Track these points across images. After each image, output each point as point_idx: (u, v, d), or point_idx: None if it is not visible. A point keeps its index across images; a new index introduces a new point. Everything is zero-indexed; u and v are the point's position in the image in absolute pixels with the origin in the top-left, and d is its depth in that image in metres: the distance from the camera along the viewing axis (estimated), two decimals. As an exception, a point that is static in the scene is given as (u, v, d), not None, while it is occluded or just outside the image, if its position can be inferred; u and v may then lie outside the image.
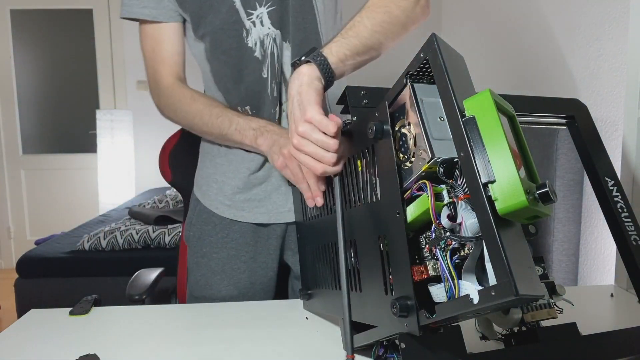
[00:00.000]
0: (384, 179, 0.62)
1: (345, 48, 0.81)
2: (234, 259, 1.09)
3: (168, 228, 2.58)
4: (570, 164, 1.42)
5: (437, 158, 0.54)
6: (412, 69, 0.59)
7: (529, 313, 0.63)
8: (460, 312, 0.49)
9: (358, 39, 0.83)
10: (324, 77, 0.78)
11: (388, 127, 0.60)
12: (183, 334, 0.87)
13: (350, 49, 0.82)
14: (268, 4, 0.96)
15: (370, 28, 0.84)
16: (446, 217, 0.53)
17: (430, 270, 0.56)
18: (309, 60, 0.78)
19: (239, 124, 0.96)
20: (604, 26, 1.40)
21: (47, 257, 2.46)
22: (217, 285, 1.10)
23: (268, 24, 0.97)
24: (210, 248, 1.11)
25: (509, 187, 0.46)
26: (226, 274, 1.09)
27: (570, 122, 0.80)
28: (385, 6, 0.86)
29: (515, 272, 0.43)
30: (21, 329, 0.90)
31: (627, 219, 0.73)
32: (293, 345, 0.82)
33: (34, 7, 3.92)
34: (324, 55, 0.79)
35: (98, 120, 3.68)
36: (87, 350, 0.78)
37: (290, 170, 0.87)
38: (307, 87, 0.75)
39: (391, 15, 0.86)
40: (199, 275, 1.12)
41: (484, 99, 0.50)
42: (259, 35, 0.97)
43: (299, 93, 0.75)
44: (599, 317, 0.93)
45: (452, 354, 0.59)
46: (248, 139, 0.95)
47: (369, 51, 0.85)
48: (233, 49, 0.98)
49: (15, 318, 2.56)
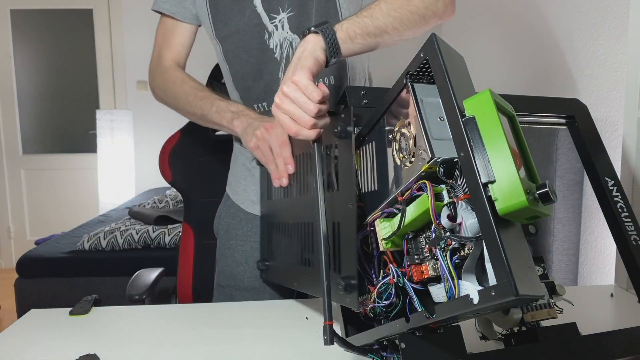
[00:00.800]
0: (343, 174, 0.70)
1: (356, 26, 0.82)
2: (257, 252, 1.14)
3: (168, 228, 2.58)
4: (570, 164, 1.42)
5: (437, 158, 0.54)
6: (412, 69, 0.59)
7: (529, 313, 0.63)
8: (460, 312, 0.49)
9: (371, 20, 0.83)
10: (329, 49, 0.79)
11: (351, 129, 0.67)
12: (183, 334, 0.87)
13: (362, 27, 0.83)
14: (288, 10, 1.01)
15: (385, 11, 0.84)
16: (446, 217, 0.53)
17: (430, 270, 0.56)
18: (317, 32, 0.80)
19: (219, 107, 1.01)
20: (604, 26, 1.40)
21: (47, 257, 2.46)
22: (241, 275, 1.15)
23: (287, 29, 1.02)
24: (236, 241, 1.16)
25: (509, 187, 0.46)
26: (249, 265, 1.14)
27: (570, 122, 0.80)
28: None
29: (515, 272, 0.43)
30: (21, 329, 0.90)
31: (627, 219, 0.73)
32: (293, 345, 0.82)
33: (34, 7, 3.92)
34: (334, 29, 0.80)
35: (98, 120, 3.69)
36: (87, 350, 0.78)
37: (262, 151, 0.93)
38: (309, 53, 0.77)
39: (410, 3, 0.86)
40: (224, 266, 1.18)
41: (484, 99, 0.50)
42: (280, 38, 1.02)
43: (299, 58, 0.77)
44: (599, 317, 0.93)
45: (452, 354, 0.59)
46: (225, 120, 1.00)
47: (382, 34, 0.85)
48: (255, 49, 1.04)
49: (15, 318, 2.56)
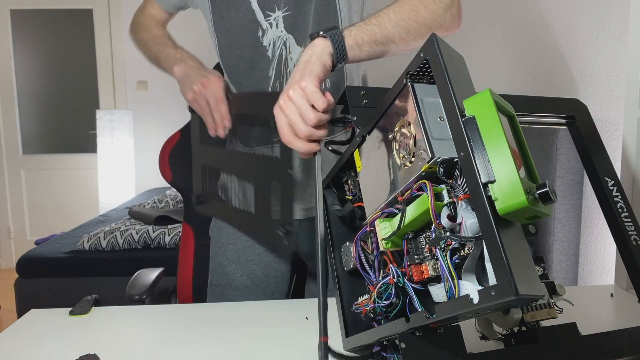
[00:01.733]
0: None
1: (364, 33, 0.83)
2: (248, 251, 1.15)
3: (168, 228, 2.58)
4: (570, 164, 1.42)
5: (437, 158, 0.54)
6: (412, 69, 0.59)
7: (529, 313, 0.63)
8: (460, 312, 0.49)
9: (379, 28, 0.84)
10: (336, 54, 0.80)
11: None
12: (183, 334, 0.87)
13: (370, 35, 0.83)
14: (284, 9, 1.01)
15: (394, 20, 0.85)
16: (446, 217, 0.53)
17: (430, 270, 0.56)
18: (326, 36, 0.80)
19: (169, 53, 1.10)
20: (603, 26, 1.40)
21: (47, 257, 2.46)
22: (232, 274, 1.16)
23: (282, 27, 1.02)
24: (228, 239, 1.17)
25: (509, 187, 0.46)
26: (241, 264, 1.15)
27: (570, 122, 0.80)
28: (414, 5, 0.87)
29: (515, 272, 0.43)
30: (21, 329, 0.90)
31: (627, 219, 0.73)
32: (293, 345, 0.82)
33: (34, 7, 3.92)
34: (343, 35, 0.81)
35: (98, 120, 3.68)
36: (87, 350, 0.78)
37: (199, 104, 1.02)
38: (317, 58, 0.78)
39: (418, 14, 0.87)
40: (216, 264, 1.19)
41: (484, 99, 0.50)
42: (273, 36, 1.03)
43: (307, 62, 0.78)
44: (599, 317, 0.93)
45: (452, 354, 0.59)
46: (168, 65, 1.09)
47: (388, 43, 0.86)
48: (248, 45, 1.04)
49: (15, 318, 2.56)
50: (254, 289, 1.15)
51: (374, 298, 0.64)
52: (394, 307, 0.62)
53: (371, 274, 0.69)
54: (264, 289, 1.15)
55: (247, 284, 1.15)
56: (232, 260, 1.16)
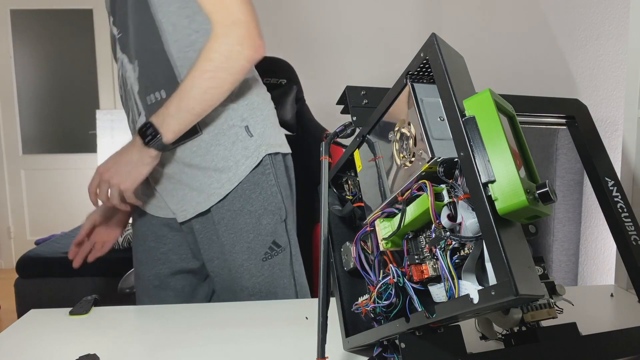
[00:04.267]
0: None
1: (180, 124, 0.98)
2: (154, 251, 1.18)
3: (168, 228, 2.58)
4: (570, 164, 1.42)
5: (437, 158, 0.53)
6: (412, 69, 0.59)
7: (529, 313, 0.63)
8: (460, 312, 0.49)
9: (190, 113, 0.98)
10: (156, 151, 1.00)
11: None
12: (183, 334, 0.87)
13: (186, 123, 0.99)
14: (118, 30, 1.10)
15: (199, 98, 0.97)
16: (446, 217, 0.53)
17: (430, 270, 0.56)
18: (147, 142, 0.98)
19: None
20: (604, 26, 1.40)
21: (47, 257, 2.46)
22: (144, 275, 1.19)
23: (119, 48, 1.12)
24: (137, 240, 1.22)
25: (509, 187, 0.46)
26: (149, 265, 1.19)
27: (570, 122, 0.80)
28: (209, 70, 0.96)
29: (515, 272, 0.43)
30: (21, 329, 0.90)
31: (627, 219, 0.73)
32: (293, 345, 0.82)
33: (34, 7, 3.92)
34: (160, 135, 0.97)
35: (98, 120, 3.68)
36: (87, 350, 0.78)
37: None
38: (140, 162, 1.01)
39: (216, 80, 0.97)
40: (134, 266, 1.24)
41: (484, 99, 0.50)
42: (119, 56, 1.12)
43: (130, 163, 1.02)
44: (599, 317, 0.92)
45: (452, 354, 0.59)
46: None
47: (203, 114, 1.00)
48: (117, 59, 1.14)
49: (15, 318, 2.56)
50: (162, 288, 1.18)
51: (374, 298, 0.64)
52: (394, 307, 0.62)
53: (371, 274, 0.69)
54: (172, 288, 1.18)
55: (155, 283, 1.18)
56: (142, 261, 1.20)
